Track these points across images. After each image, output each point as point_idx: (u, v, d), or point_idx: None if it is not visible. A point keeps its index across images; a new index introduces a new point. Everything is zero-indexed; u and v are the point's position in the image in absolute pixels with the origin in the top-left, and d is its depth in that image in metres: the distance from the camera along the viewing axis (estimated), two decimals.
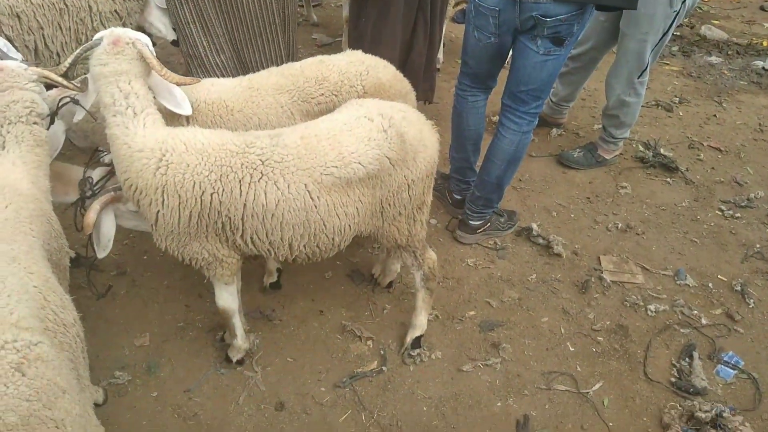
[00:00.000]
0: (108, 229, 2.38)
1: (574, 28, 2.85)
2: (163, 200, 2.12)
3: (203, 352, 2.88)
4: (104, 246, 2.41)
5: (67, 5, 3.30)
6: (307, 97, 2.70)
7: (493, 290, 3.33)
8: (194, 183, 2.10)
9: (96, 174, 2.51)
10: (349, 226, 2.36)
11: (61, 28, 3.32)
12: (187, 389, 2.68)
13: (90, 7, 3.42)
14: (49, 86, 2.31)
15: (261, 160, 2.13)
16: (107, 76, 2.10)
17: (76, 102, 2.36)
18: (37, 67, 2.21)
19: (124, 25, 3.69)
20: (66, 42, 3.38)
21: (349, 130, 2.27)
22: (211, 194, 2.11)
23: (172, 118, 2.45)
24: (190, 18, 3.56)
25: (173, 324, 3.01)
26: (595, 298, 3.31)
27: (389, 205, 2.42)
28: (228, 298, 2.55)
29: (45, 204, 2.01)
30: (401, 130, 2.33)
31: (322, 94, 2.71)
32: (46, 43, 3.29)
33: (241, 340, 2.74)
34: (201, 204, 2.13)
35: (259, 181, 2.12)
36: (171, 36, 4.02)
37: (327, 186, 2.22)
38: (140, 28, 3.90)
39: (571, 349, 3.01)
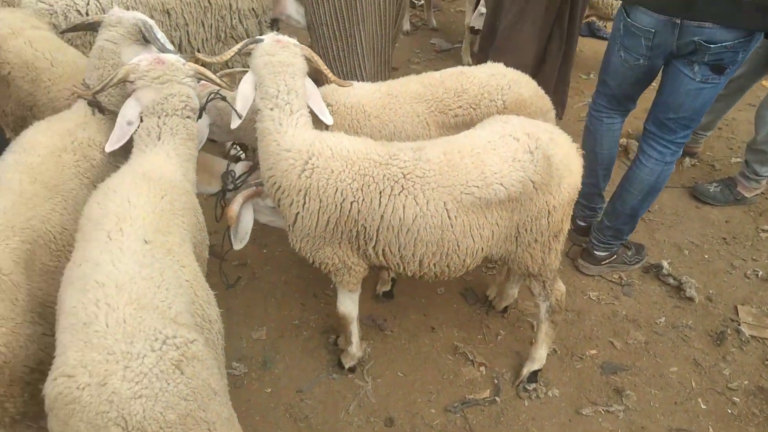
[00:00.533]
0: (247, 222, 2.43)
1: (738, 56, 2.60)
2: (305, 203, 2.12)
3: (316, 353, 2.88)
4: (241, 238, 2.47)
5: (210, 3, 3.42)
6: (445, 108, 2.63)
7: (617, 329, 3.10)
8: (336, 189, 2.08)
9: (239, 168, 2.57)
10: (482, 248, 2.26)
11: (203, 25, 3.45)
12: (299, 390, 2.69)
13: (230, 5, 3.53)
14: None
15: (403, 174, 2.08)
16: (275, 65, 2.15)
17: (223, 98, 2.42)
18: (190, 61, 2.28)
19: (259, 23, 3.78)
20: (206, 38, 3.51)
21: (493, 148, 2.17)
22: (351, 202, 2.09)
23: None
24: (326, 19, 3.59)
25: (289, 321, 3.04)
26: (731, 352, 3.00)
27: (526, 230, 2.30)
28: (350, 305, 2.53)
29: (193, 196, 2.06)
30: (548, 152, 2.20)
31: (460, 106, 2.62)
32: (189, 39, 3.44)
33: (355, 348, 2.71)
34: (340, 211, 2.11)
35: (399, 194, 2.08)
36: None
37: (466, 205, 2.13)
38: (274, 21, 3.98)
39: (703, 406, 2.73)
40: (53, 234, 1.89)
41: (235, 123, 2.24)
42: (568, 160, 2.27)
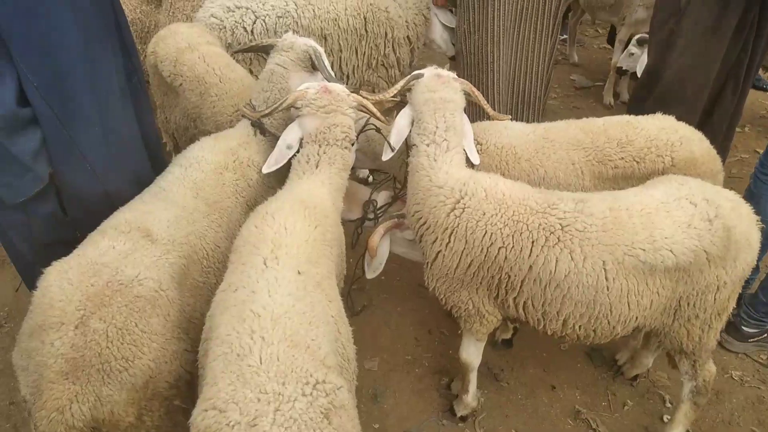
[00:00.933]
0: (383, 252, 2.41)
1: None
2: (449, 242, 2.05)
3: (427, 393, 2.78)
4: (375, 268, 2.45)
5: (367, 31, 3.48)
6: (605, 158, 2.45)
7: (763, 418, 2.72)
8: (486, 233, 2.00)
9: (381, 198, 2.56)
10: (637, 317, 2.06)
11: (357, 52, 3.51)
12: (406, 431, 2.60)
13: (386, 33, 3.57)
14: None
15: (561, 225, 1.94)
16: (436, 102, 2.12)
17: (377, 130, 2.42)
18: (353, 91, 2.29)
19: (411, 50, 3.79)
20: (357, 65, 3.57)
21: (666, 211, 1.98)
22: (500, 248, 1.98)
23: None
24: (473, 48, 3.53)
25: (402, 354, 2.97)
26: None
27: (688, 304, 2.06)
28: (474, 353, 2.42)
29: (341, 227, 2.05)
30: (729, 223, 1.96)
31: (623, 158, 2.43)
32: (340, 65, 3.51)
33: (471, 398, 2.58)
34: (485, 255, 2.02)
35: (553, 246, 1.94)
36: (451, 52, 4.03)
37: (627, 268, 1.95)
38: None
39: None
40: (207, 250, 1.95)
41: (387, 155, 2.22)
42: (748, 234, 2.02)
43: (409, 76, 2.23)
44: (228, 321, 1.47)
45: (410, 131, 2.19)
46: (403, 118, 2.19)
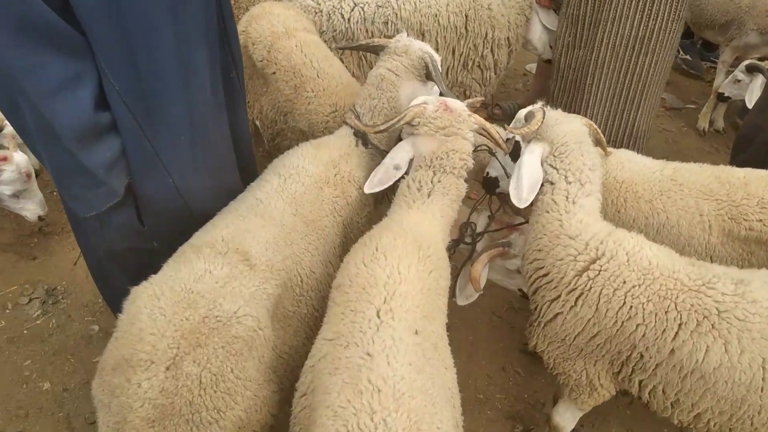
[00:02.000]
0: (482, 281, 2.18)
1: None
2: (574, 305, 1.80)
3: None
4: (468, 295, 2.23)
5: (467, 30, 3.21)
6: (739, 216, 2.14)
7: None
8: (624, 304, 1.73)
9: (480, 222, 2.32)
10: None
11: (454, 52, 3.25)
12: None
13: (486, 33, 3.29)
14: None
15: (718, 310, 1.66)
16: (578, 135, 1.91)
17: (491, 153, 2.17)
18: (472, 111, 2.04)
19: (510, 53, 3.50)
20: (452, 66, 3.31)
21: None
22: (638, 325, 1.72)
23: None
24: (575, 64, 3.24)
25: (473, 392, 2.75)
26: None
27: None
28: (569, 420, 2.18)
29: (449, 269, 1.81)
30: None
31: (761, 220, 2.12)
32: None
33: None
34: (619, 330, 1.75)
35: (706, 333, 1.66)
36: (547, 55, 3.74)
37: None
38: None
39: None
40: (302, 276, 1.75)
41: (522, 204, 1.91)
42: None
43: (540, 116, 1.94)
44: (341, 388, 1.26)
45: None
46: (534, 155, 1.91)
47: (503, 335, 3.04)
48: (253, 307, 1.47)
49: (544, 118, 1.92)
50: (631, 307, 1.71)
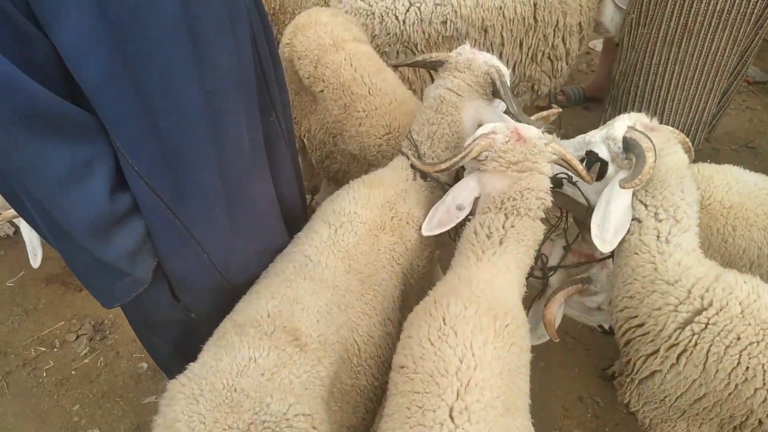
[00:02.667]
0: (557, 320, 1.93)
1: None
2: (676, 363, 1.54)
3: None
4: (541, 336, 1.99)
5: (536, 20, 2.87)
6: None
7: None
8: (738, 364, 1.46)
9: (554, 256, 2.04)
10: None
11: (521, 45, 2.92)
12: None
13: (557, 21, 2.93)
14: None
15: None
16: (679, 168, 1.64)
17: (570, 182, 1.88)
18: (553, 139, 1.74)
19: (581, 39, 3.14)
20: (520, 61, 2.98)
21: None
22: (756, 389, 1.44)
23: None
24: (639, 44, 2.88)
25: (547, 426, 2.52)
26: None
27: None
28: None
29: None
30: None
31: None
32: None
33: None
34: (731, 392, 1.48)
35: None
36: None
37: None
38: None
39: None
40: (359, 344, 1.54)
41: (606, 249, 1.65)
42: None
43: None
44: None
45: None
46: (626, 194, 1.62)
47: (579, 359, 2.78)
48: (305, 402, 1.28)
49: (655, 162, 1.59)
50: (748, 368, 1.43)
